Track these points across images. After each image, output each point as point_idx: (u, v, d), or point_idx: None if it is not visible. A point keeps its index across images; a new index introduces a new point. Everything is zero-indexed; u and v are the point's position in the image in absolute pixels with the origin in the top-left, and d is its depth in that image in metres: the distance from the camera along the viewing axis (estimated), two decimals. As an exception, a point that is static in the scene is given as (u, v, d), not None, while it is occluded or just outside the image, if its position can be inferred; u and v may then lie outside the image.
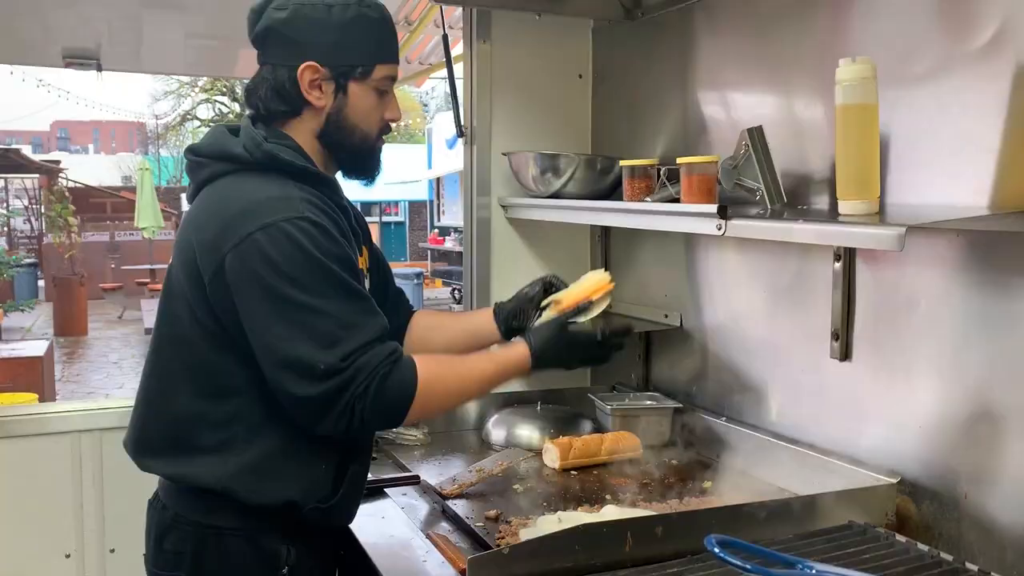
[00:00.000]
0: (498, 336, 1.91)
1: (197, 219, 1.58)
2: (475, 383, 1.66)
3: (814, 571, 1.02)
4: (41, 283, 15.99)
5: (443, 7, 2.74)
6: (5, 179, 20.47)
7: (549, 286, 1.88)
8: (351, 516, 1.72)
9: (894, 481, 1.71)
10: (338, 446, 1.60)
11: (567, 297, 1.78)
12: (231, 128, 1.64)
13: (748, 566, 1.00)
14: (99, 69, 3.27)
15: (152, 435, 1.65)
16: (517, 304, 1.91)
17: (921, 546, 1.50)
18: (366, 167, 1.73)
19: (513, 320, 1.90)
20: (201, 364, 1.57)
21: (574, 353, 1.74)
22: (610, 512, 1.77)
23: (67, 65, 3.23)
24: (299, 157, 1.60)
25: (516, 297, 1.93)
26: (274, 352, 1.49)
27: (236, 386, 1.56)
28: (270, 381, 1.51)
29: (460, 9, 2.69)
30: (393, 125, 1.74)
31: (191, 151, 1.65)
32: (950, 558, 1.45)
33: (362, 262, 1.74)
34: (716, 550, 1.02)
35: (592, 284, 1.77)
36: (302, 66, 1.58)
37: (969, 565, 1.43)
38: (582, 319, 1.71)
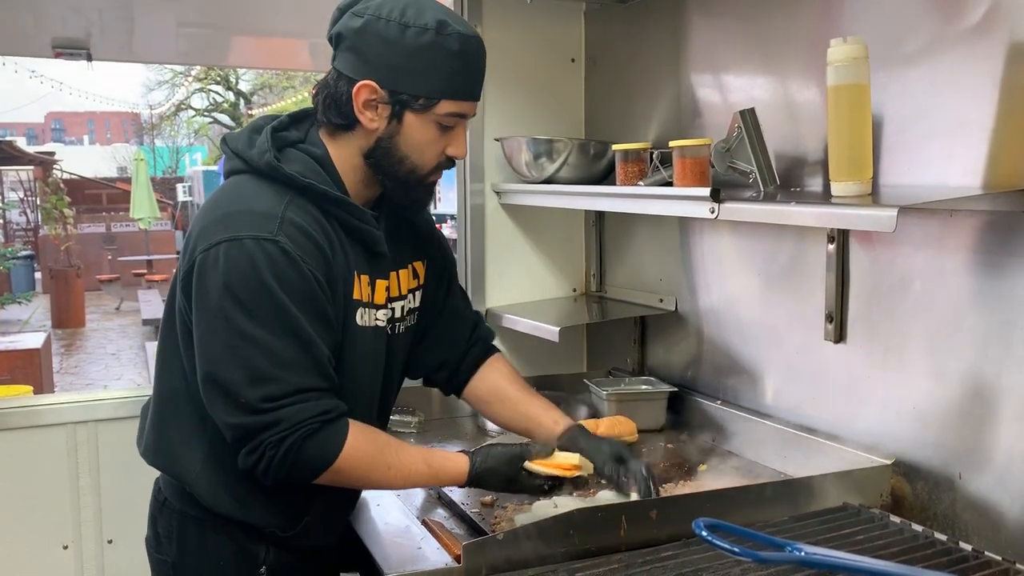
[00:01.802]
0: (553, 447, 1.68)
1: (203, 209, 1.57)
2: (401, 479, 1.55)
3: (803, 553, 1.02)
4: (38, 275, 15.96)
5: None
6: (0, 171, 20.40)
7: (619, 459, 1.63)
8: (327, 541, 1.69)
9: (888, 462, 1.71)
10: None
11: (559, 464, 1.59)
12: (256, 127, 1.58)
13: (736, 549, 1.00)
14: (89, 59, 3.25)
15: (150, 413, 1.66)
16: (581, 448, 1.66)
17: (915, 527, 1.51)
18: (411, 199, 1.61)
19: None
20: (184, 354, 1.57)
21: (511, 487, 1.58)
22: (604, 498, 1.76)
23: (57, 55, 3.21)
24: (312, 172, 1.52)
25: (586, 442, 1.69)
26: (205, 368, 1.46)
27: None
28: (201, 391, 1.48)
29: (451, -7, 2.67)
30: (458, 161, 1.62)
31: (224, 141, 1.62)
32: (944, 538, 1.46)
33: (399, 281, 1.65)
34: (704, 533, 1.02)
35: (562, 462, 1.58)
36: (360, 83, 1.49)
37: (963, 545, 1.43)
38: (537, 465, 1.56)
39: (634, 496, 1.58)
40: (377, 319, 1.62)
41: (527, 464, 1.56)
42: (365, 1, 1.51)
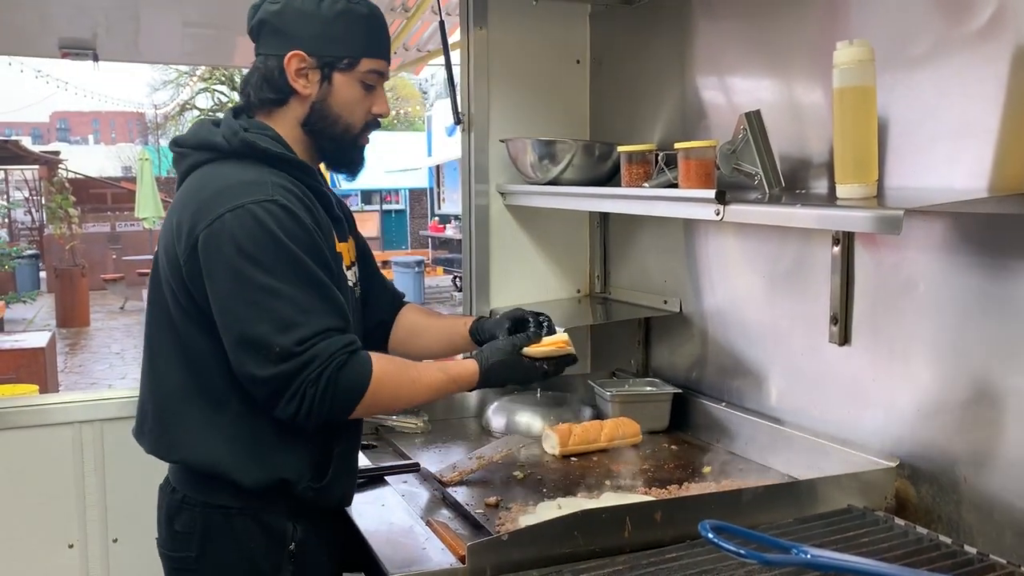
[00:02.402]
0: (470, 344, 1.94)
1: (176, 205, 1.63)
2: (424, 389, 1.67)
3: (808, 556, 1.02)
4: (43, 274, 15.99)
5: (439, -7, 2.73)
6: (5, 171, 20.44)
7: (516, 321, 1.87)
8: (347, 498, 1.74)
9: (893, 465, 1.71)
10: (320, 427, 1.60)
11: (552, 342, 1.79)
12: (213, 121, 1.69)
13: (742, 551, 1.00)
14: (95, 59, 3.26)
15: (148, 415, 1.67)
16: (492, 329, 1.90)
17: (920, 529, 1.51)
18: (348, 159, 1.75)
19: (481, 341, 1.91)
20: (185, 345, 1.61)
21: (516, 374, 1.76)
22: (609, 500, 1.77)
23: (63, 56, 3.21)
24: (277, 145, 1.64)
25: (493, 321, 1.92)
26: (233, 330, 1.52)
27: (217, 366, 1.58)
28: (231, 359, 1.54)
29: (457, -5, 2.68)
30: (382, 120, 1.76)
31: (175, 143, 1.71)
32: (948, 541, 1.46)
33: (346, 251, 1.75)
34: (710, 535, 1.02)
35: (553, 341, 1.79)
36: (289, 54, 1.63)
37: (968, 548, 1.43)
38: (533, 349, 1.75)
39: (563, 338, 1.78)
40: (349, 279, 1.74)
41: (525, 350, 1.75)
42: None
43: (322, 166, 1.78)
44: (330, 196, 1.71)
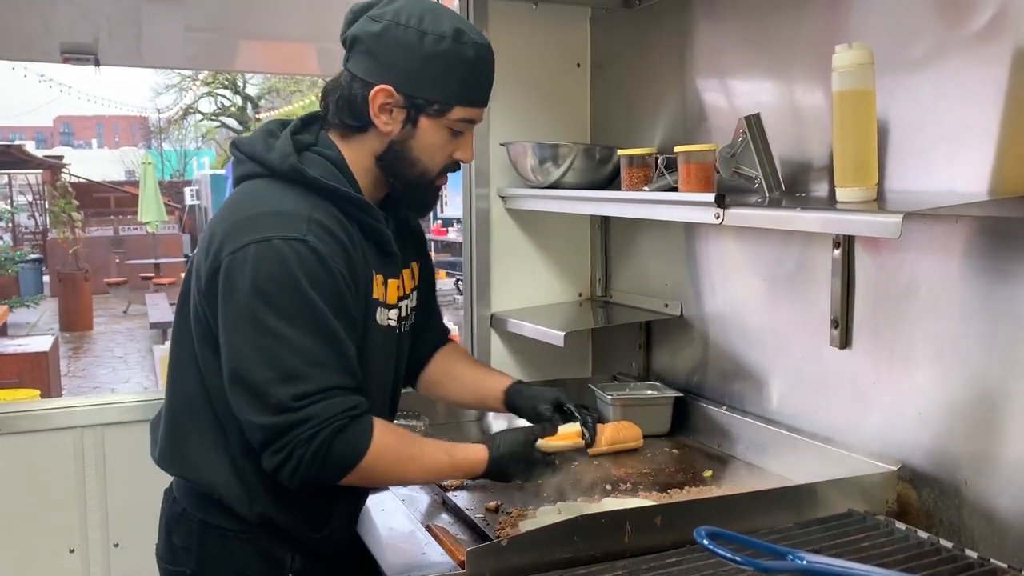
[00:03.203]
0: (503, 409, 1.88)
1: (219, 215, 1.56)
2: (424, 471, 1.58)
3: (804, 562, 1.02)
4: (46, 278, 16.02)
5: (440, -3, 2.73)
6: (9, 175, 20.49)
7: (557, 406, 1.79)
8: (344, 541, 1.70)
9: (894, 468, 1.71)
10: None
11: (566, 435, 1.71)
12: (275, 129, 1.59)
13: (738, 558, 1.00)
14: (97, 64, 3.26)
15: (162, 421, 1.65)
16: (527, 404, 1.82)
17: (921, 533, 1.50)
18: (419, 201, 1.65)
19: (514, 410, 1.86)
20: (199, 359, 1.56)
21: (525, 469, 1.64)
22: (609, 504, 1.77)
23: (65, 60, 3.22)
24: (331, 174, 1.54)
25: (530, 398, 1.83)
26: (233, 369, 1.45)
27: (223, 390, 1.51)
28: (228, 393, 1.47)
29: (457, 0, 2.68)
30: (463, 165, 1.67)
31: (235, 145, 1.62)
32: (949, 545, 1.45)
33: (396, 286, 1.66)
34: (705, 542, 1.02)
35: (567, 434, 1.70)
36: (377, 87, 1.51)
37: (969, 552, 1.43)
38: (548, 442, 1.67)
39: (576, 430, 1.69)
40: (390, 318, 1.64)
41: (539, 443, 1.63)
42: (383, 6, 1.52)
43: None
44: (384, 232, 1.60)
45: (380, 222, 1.59)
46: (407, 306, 1.72)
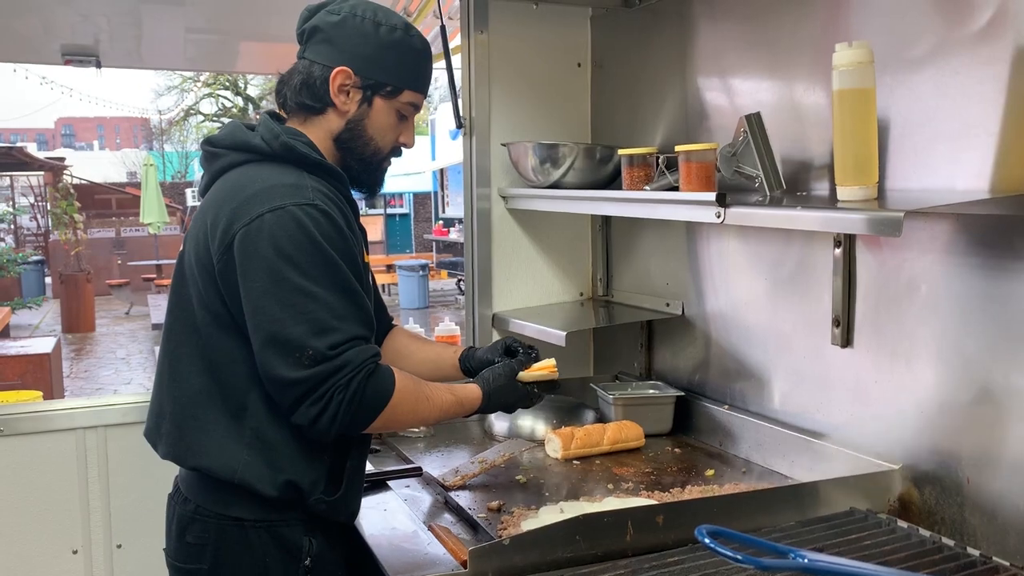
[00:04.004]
0: (459, 377, 1.96)
1: (211, 205, 1.61)
2: (436, 409, 1.68)
3: (805, 560, 1.02)
4: (48, 280, 16.04)
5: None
6: (11, 177, 20.52)
7: (507, 349, 1.93)
8: (355, 512, 1.72)
9: (896, 467, 1.71)
10: (335, 439, 1.59)
11: (543, 367, 1.88)
12: (248, 124, 1.69)
13: (739, 556, 1.00)
14: (98, 66, 3.26)
15: (166, 418, 1.66)
16: (484, 356, 1.94)
17: (923, 532, 1.51)
18: (370, 180, 1.77)
19: (471, 372, 1.94)
20: (207, 349, 1.59)
21: (514, 398, 1.82)
22: (611, 504, 1.77)
23: (67, 62, 3.22)
24: (314, 151, 1.65)
25: (482, 355, 1.94)
26: (265, 330, 1.51)
27: (238, 371, 1.57)
28: (258, 360, 1.53)
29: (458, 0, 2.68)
30: (405, 150, 1.79)
31: (208, 142, 1.70)
32: (951, 543, 1.45)
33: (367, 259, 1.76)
34: (707, 540, 1.02)
35: (542, 367, 1.87)
36: (337, 69, 1.65)
37: (971, 550, 1.43)
38: (526, 373, 1.84)
39: (549, 364, 1.86)
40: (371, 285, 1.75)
41: (519, 375, 1.82)
42: (338, 3, 1.69)
43: None
44: (357, 207, 1.72)
45: (352, 198, 1.71)
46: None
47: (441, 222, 20.03)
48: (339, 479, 1.64)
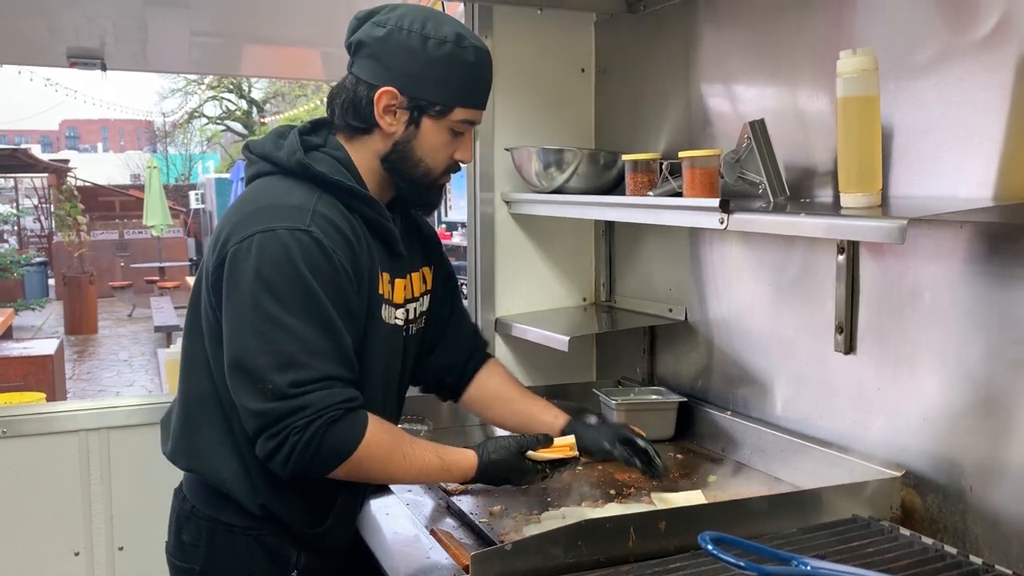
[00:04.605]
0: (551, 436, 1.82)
1: (227, 213, 1.60)
2: (414, 470, 1.58)
3: (808, 567, 1.02)
4: (51, 282, 16.06)
5: (445, 2, 2.74)
6: (15, 178, 20.55)
7: (623, 439, 1.81)
8: (344, 543, 1.71)
9: (899, 474, 1.71)
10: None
11: (556, 448, 1.73)
12: (284, 131, 1.63)
13: (742, 563, 1.00)
14: (103, 69, 3.27)
15: (173, 416, 1.67)
16: (598, 440, 1.83)
17: (926, 539, 1.50)
18: (425, 200, 1.70)
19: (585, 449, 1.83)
20: (209, 354, 1.58)
21: (514, 475, 1.67)
22: (613, 509, 1.77)
23: (71, 65, 3.23)
24: (337, 171, 1.57)
25: (593, 439, 1.84)
26: (232, 355, 1.47)
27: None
28: (227, 381, 1.50)
29: (462, 4, 2.68)
30: (464, 165, 1.70)
31: (247, 147, 1.67)
32: (954, 551, 1.45)
33: (404, 287, 1.68)
34: (710, 547, 1.02)
35: (560, 445, 1.72)
36: (381, 89, 1.56)
37: (973, 558, 1.42)
38: (538, 454, 1.69)
39: (568, 442, 1.71)
40: (396, 318, 1.66)
41: (530, 454, 1.65)
42: (386, 12, 1.58)
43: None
44: (391, 230, 1.63)
45: (386, 219, 1.62)
46: (416, 309, 1.73)
47: (444, 226, 20.03)
48: (324, 514, 1.63)
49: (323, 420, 1.43)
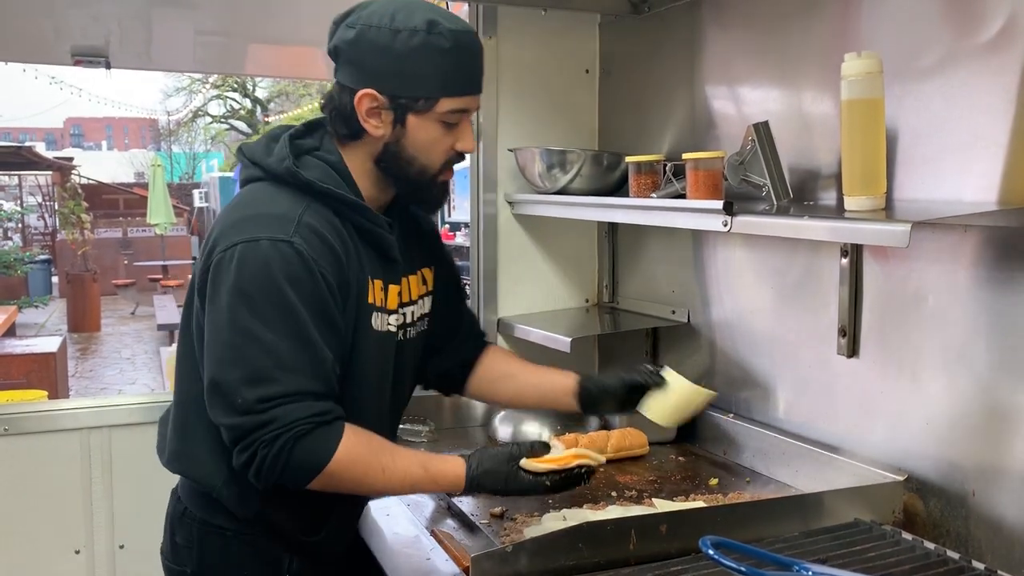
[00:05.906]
0: (575, 408, 1.81)
1: (219, 217, 1.59)
2: (395, 482, 1.51)
3: (809, 572, 1.01)
4: (55, 279, 16.09)
5: (449, 2, 2.73)
6: (19, 176, 20.59)
7: (635, 385, 1.78)
8: (340, 550, 1.70)
9: (901, 478, 1.70)
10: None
11: (558, 459, 1.54)
12: (278, 133, 1.61)
13: (743, 568, 1.00)
14: (108, 67, 3.27)
15: (169, 417, 1.66)
16: (600, 394, 1.80)
17: (928, 544, 1.50)
18: (426, 197, 1.64)
19: (592, 407, 1.82)
20: (198, 359, 1.57)
21: (511, 487, 1.52)
22: (614, 512, 1.76)
23: (76, 63, 3.23)
24: (328, 177, 1.54)
25: (601, 386, 1.81)
26: (208, 367, 1.46)
27: None
28: (204, 392, 1.48)
29: (466, 5, 2.68)
30: (468, 155, 1.63)
31: (240, 150, 1.65)
32: (956, 556, 1.44)
33: (398, 291, 1.63)
34: (710, 551, 1.02)
35: (562, 457, 1.54)
36: (360, 93, 1.51)
37: (976, 563, 1.42)
38: (534, 463, 1.52)
39: (571, 453, 1.53)
40: (389, 324, 1.63)
41: (524, 463, 1.51)
42: (357, 11, 1.52)
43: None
44: (384, 237, 1.58)
45: (379, 226, 1.58)
46: (413, 312, 1.70)
47: (447, 226, 20.04)
48: (320, 523, 1.62)
49: (291, 434, 1.41)
